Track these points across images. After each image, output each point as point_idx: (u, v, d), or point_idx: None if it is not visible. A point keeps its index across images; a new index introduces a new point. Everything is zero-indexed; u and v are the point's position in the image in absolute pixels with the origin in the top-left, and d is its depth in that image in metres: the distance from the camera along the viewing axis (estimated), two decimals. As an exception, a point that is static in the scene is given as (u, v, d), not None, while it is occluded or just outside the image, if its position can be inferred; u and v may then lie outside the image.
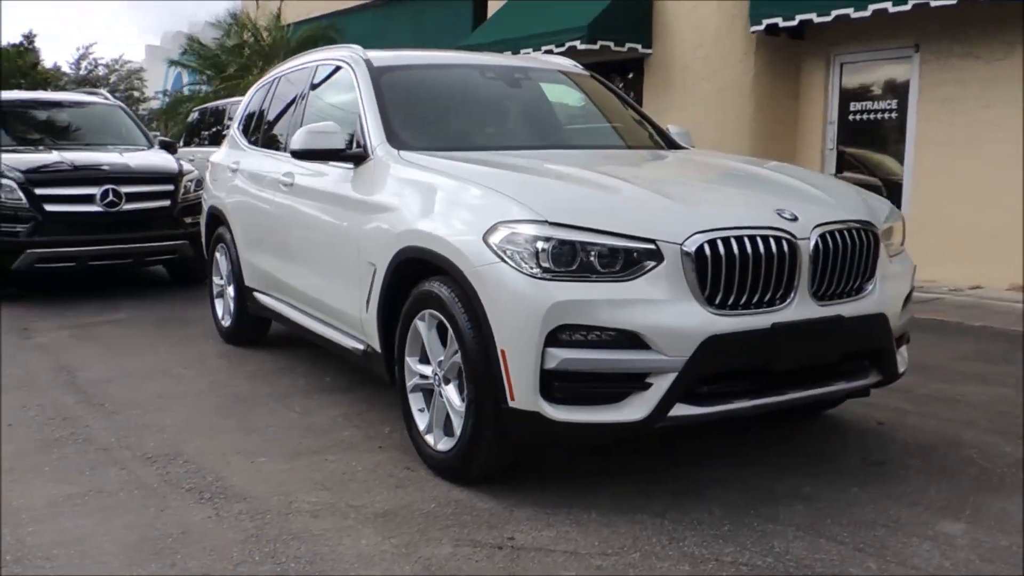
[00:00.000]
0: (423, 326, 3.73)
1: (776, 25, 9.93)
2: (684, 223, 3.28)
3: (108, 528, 3.26)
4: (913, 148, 9.67)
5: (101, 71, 21.21)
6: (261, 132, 5.94)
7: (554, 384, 3.22)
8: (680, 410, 3.27)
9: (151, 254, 8.49)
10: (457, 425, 3.56)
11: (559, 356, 3.17)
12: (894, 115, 9.95)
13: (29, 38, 21.16)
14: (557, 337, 3.18)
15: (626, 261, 3.23)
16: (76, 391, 5.10)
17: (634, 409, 3.22)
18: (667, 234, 3.24)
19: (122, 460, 3.96)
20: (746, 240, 3.29)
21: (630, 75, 11.99)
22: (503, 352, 3.28)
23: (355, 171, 4.35)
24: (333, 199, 4.51)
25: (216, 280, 6.44)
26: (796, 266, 3.37)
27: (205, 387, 5.21)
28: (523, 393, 3.24)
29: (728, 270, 3.26)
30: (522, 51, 11.83)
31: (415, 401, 3.86)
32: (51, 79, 20.14)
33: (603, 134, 5.03)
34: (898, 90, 9.89)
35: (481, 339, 3.36)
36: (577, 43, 10.93)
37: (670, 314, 3.19)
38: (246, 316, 5.95)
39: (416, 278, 3.76)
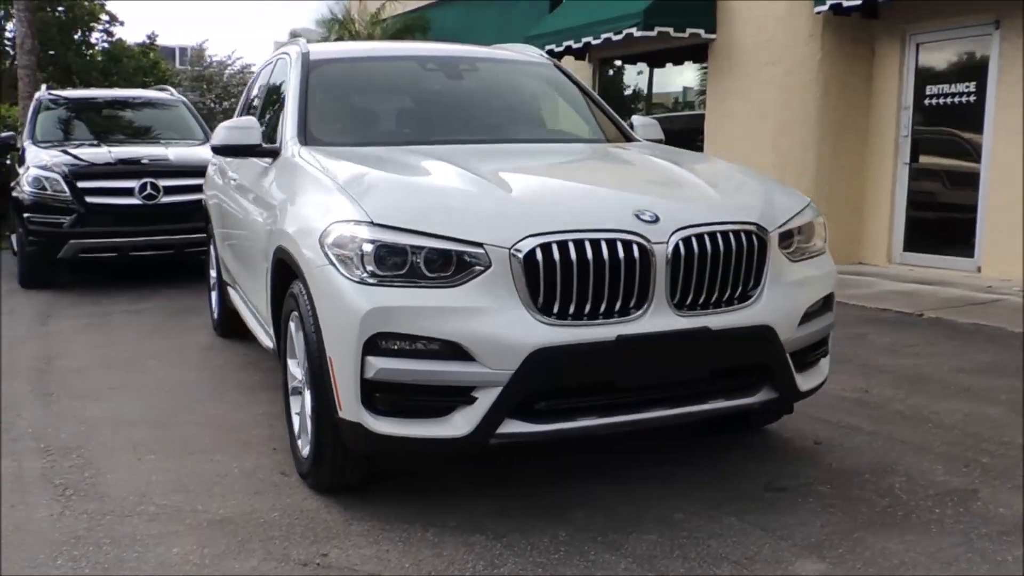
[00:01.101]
0: (293, 328, 3.63)
1: (840, 5, 9.27)
2: (518, 225, 3.04)
3: (-48, 522, 3.32)
4: (992, 134, 8.85)
5: (215, 68, 22.15)
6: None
7: (375, 395, 3.06)
8: (512, 427, 3.05)
9: (190, 245, 8.72)
10: (311, 431, 3.46)
11: (377, 365, 3.01)
12: (972, 98, 9.14)
13: (152, 38, 22.24)
14: (377, 345, 3.01)
15: (455, 266, 3.03)
16: (37, 379, 5.27)
17: (458, 425, 3.03)
18: (496, 237, 3.01)
19: (20, 451, 4.04)
20: (587, 244, 3.02)
21: (695, 61, 11.51)
22: (331, 359, 3.15)
23: (270, 167, 4.29)
24: (252, 195, 4.49)
25: (212, 274, 6.55)
26: (650, 273, 3.08)
27: (161, 378, 5.28)
28: (348, 403, 3.10)
29: (564, 277, 3.01)
30: (564, 43, 11.59)
31: (294, 404, 3.77)
32: (168, 76, 21.13)
33: (539, 127, 4.77)
34: (976, 71, 9.08)
35: (319, 345, 3.23)
36: (633, 30, 10.56)
37: (496, 324, 2.97)
38: (225, 309, 6.01)
39: (291, 278, 3.67)
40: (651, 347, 3.10)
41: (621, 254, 3.04)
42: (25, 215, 8.35)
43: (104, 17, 20.87)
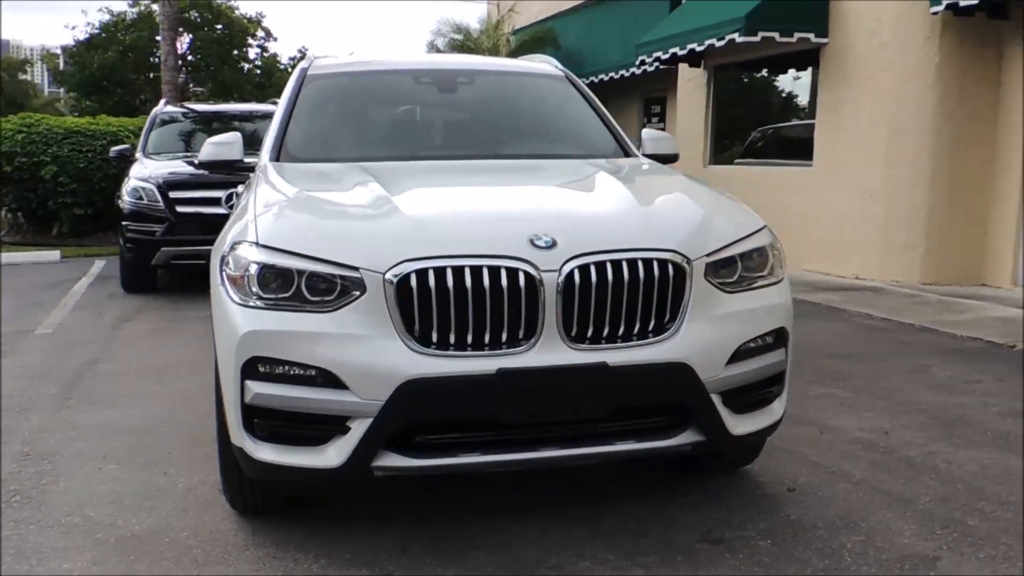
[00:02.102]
0: None
1: (958, 4, 8.51)
2: (397, 249, 2.90)
3: None
4: None
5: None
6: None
7: (254, 420, 2.99)
8: (390, 460, 2.92)
9: None
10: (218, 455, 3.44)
11: (254, 390, 2.95)
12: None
13: (302, 52, 23.28)
14: (256, 369, 2.95)
15: (337, 291, 2.92)
16: (68, 383, 5.53)
17: (332, 455, 2.92)
18: (373, 261, 2.89)
19: (3, 454, 4.23)
20: (467, 271, 2.85)
21: (804, 68, 10.89)
22: (220, 382, 3.12)
23: (247, 183, 4.33)
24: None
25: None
26: (537, 303, 2.87)
27: (180, 387, 5.43)
28: (233, 428, 3.05)
29: (440, 305, 2.84)
30: (670, 49, 11.23)
31: None
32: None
33: (523, 142, 4.56)
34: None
35: (216, 367, 3.21)
36: (735, 36, 10.11)
37: (367, 352, 2.85)
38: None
39: None
40: (537, 382, 2.89)
41: (504, 282, 2.85)
42: (124, 223, 8.87)
43: (260, 34, 21.97)
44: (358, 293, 2.88)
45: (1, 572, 2.88)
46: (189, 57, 21.15)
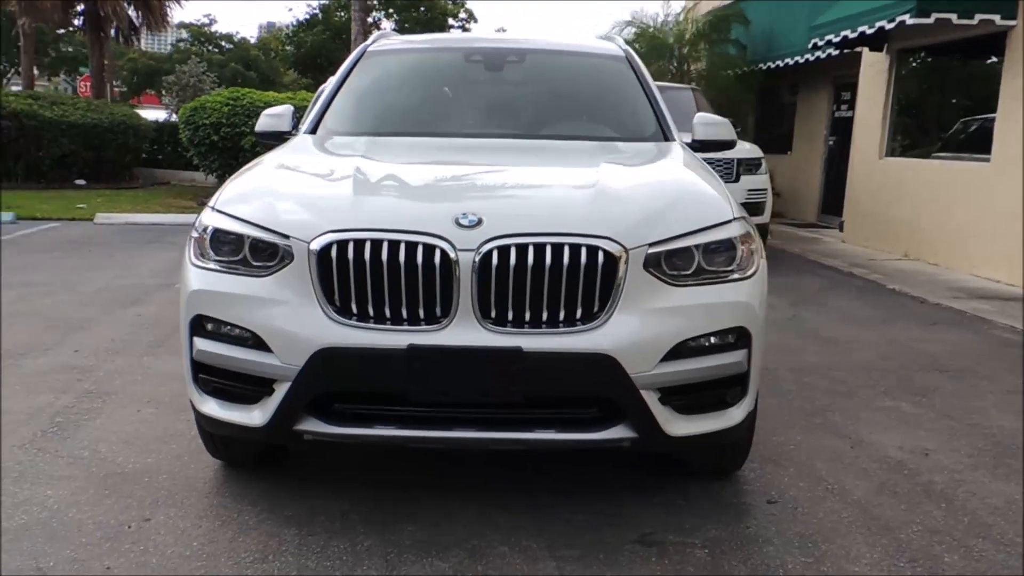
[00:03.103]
0: None
1: None
2: (323, 220, 2.98)
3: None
4: None
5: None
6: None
7: (200, 375, 3.18)
8: (310, 424, 3.02)
9: None
10: (193, 407, 3.65)
11: (199, 346, 3.13)
12: None
13: (501, 32, 23.69)
14: (202, 327, 3.13)
15: (275, 257, 3.04)
16: (167, 334, 5.99)
17: (258, 415, 3.05)
18: (301, 231, 2.98)
19: (67, 389, 4.67)
20: (385, 245, 2.88)
21: (985, 55, 9.90)
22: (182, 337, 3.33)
23: None
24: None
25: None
26: (452, 282, 2.86)
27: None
28: (188, 381, 3.25)
29: (357, 277, 2.90)
30: (841, 31, 10.53)
31: None
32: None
33: (557, 122, 4.47)
34: None
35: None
36: (906, 17, 9.35)
37: (290, 318, 2.95)
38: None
39: None
40: (446, 361, 2.88)
41: (420, 259, 2.86)
42: None
43: (462, 15, 22.60)
44: (288, 261, 2.98)
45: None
46: (395, 37, 22.08)
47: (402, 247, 2.87)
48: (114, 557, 2.94)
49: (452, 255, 2.84)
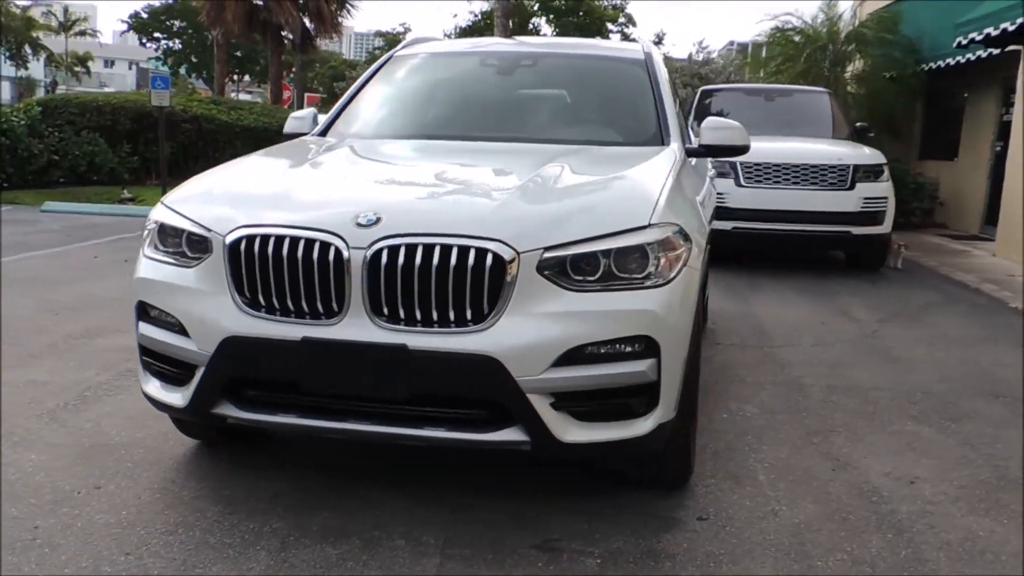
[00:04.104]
0: None
1: None
2: (240, 215, 3.15)
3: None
4: None
5: (716, 62, 22.48)
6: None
7: (144, 357, 3.43)
8: (225, 408, 3.19)
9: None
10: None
11: (141, 330, 3.38)
12: None
13: (660, 36, 23.44)
14: (145, 312, 3.38)
15: (202, 249, 3.24)
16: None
17: (179, 397, 3.27)
18: (219, 225, 3.16)
19: (101, 365, 5.10)
20: (286, 241, 3.02)
21: None
22: (140, 322, 3.59)
23: None
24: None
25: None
26: (344, 278, 2.96)
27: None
28: (138, 361, 3.51)
29: (262, 270, 3.05)
30: (984, 29, 9.77)
31: None
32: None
33: (555, 126, 4.45)
34: None
35: None
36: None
37: (206, 307, 3.14)
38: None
39: None
40: (335, 355, 2.98)
41: (316, 255, 2.97)
42: None
43: (620, 19, 22.52)
44: (209, 253, 3.17)
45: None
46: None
47: (301, 243, 2.99)
48: (47, 518, 3.22)
49: (345, 253, 2.94)
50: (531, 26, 23.39)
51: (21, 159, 15.72)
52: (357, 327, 2.96)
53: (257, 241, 3.04)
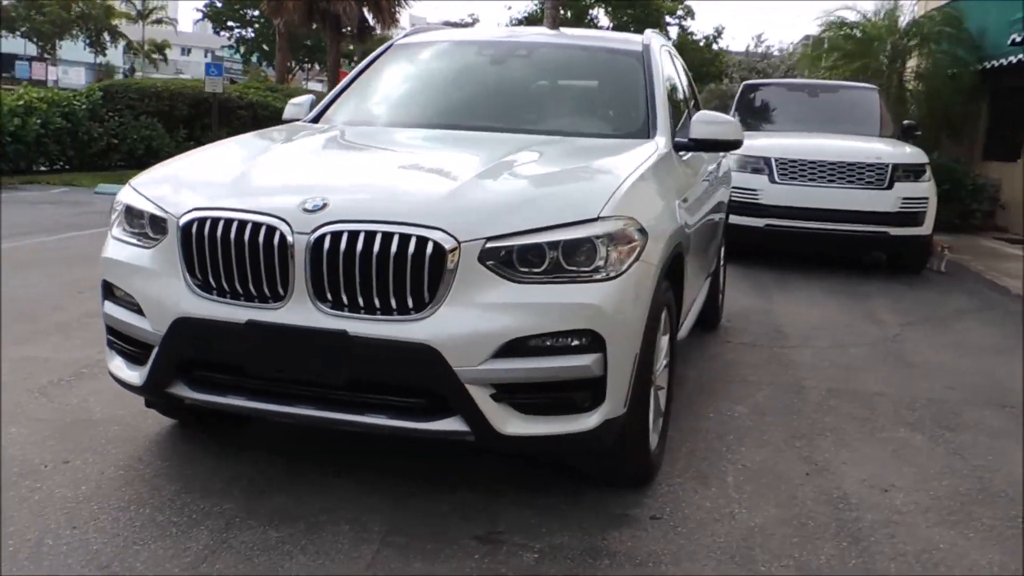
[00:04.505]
0: None
1: None
2: (195, 198, 3.19)
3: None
4: None
5: (773, 57, 22.06)
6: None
7: (108, 335, 3.49)
8: (179, 389, 3.24)
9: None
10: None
11: (104, 308, 3.45)
12: None
13: (718, 31, 23.11)
14: (110, 291, 3.44)
15: (162, 231, 3.28)
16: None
17: (138, 375, 3.32)
18: (175, 207, 3.20)
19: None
20: (235, 224, 3.04)
21: None
22: (110, 300, 3.64)
23: None
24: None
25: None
26: (287, 263, 2.97)
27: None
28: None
29: (211, 252, 3.08)
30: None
31: None
32: (724, 68, 21.79)
33: (536, 115, 4.39)
34: None
35: None
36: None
37: (160, 288, 3.19)
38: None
39: None
40: (278, 338, 2.99)
41: (261, 239, 2.99)
42: None
43: (679, 12, 22.24)
44: (166, 235, 3.21)
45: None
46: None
47: (248, 227, 3.01)
48: (7, 491, 3.29)
49: (289, 237, 2.95)
50: (588, 17, 23.28)
51: (81, 142, 16.18)
52: (301, 312, 2.97)
53: (208, 223, 3.07)
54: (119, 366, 3.43)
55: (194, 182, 3.36)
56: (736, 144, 4.36)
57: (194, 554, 2.91)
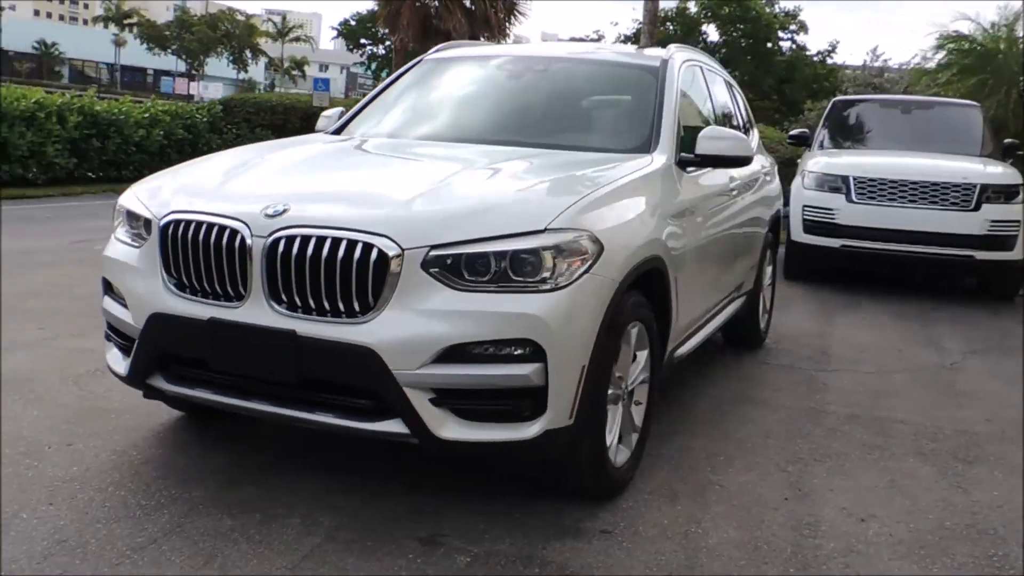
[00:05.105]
0: None
1: None
2: (175, 201, 3.40)
3: None
4: None
5: (892, 72, 21.20)
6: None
7: (106, 329, 3.74)
8: (157, 381, 3.44)
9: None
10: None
11: (104, 305, 3.70)
12: None
13: (833, 45, 22.42)
14: (109, 287, 3.69)
15: (148, 231, 3.50)
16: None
17: (123, 366, 3.54)
18: (157, 210, 3.42)
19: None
20: (204, 227, 3.23)
21: None
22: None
23: None
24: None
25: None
26: (246, 264, 3.13)
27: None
28: (108, 335, 3.83)
29: (183, 252, 3.27)
30: None
31: None
32: (836, 82, 21.12)
33: (544, 130, 4.41)
34: None
35: None
36: None
37: (141, 285, 3.41)
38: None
39: None
40: (235, 336, 3.14)
41: (224, 241, 3.16)
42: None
43: (792, 27, 21.72)
44: (149, 235, 3.44)
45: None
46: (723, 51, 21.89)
47: (215, 229, 3.19)
48: (5, 468, 3.56)
49: (248, 240, 3.11)
50: (700, 35, 22.99)
51: (201, 152, 17.08)
52: (256, 311, 3.12)
53: (182, 225, 3.27)
54: (111, 357, 3.67)
55: (181, 187, 3.57)
56: (744, 160, 4.31)
57: (147, 535, 3.08)
